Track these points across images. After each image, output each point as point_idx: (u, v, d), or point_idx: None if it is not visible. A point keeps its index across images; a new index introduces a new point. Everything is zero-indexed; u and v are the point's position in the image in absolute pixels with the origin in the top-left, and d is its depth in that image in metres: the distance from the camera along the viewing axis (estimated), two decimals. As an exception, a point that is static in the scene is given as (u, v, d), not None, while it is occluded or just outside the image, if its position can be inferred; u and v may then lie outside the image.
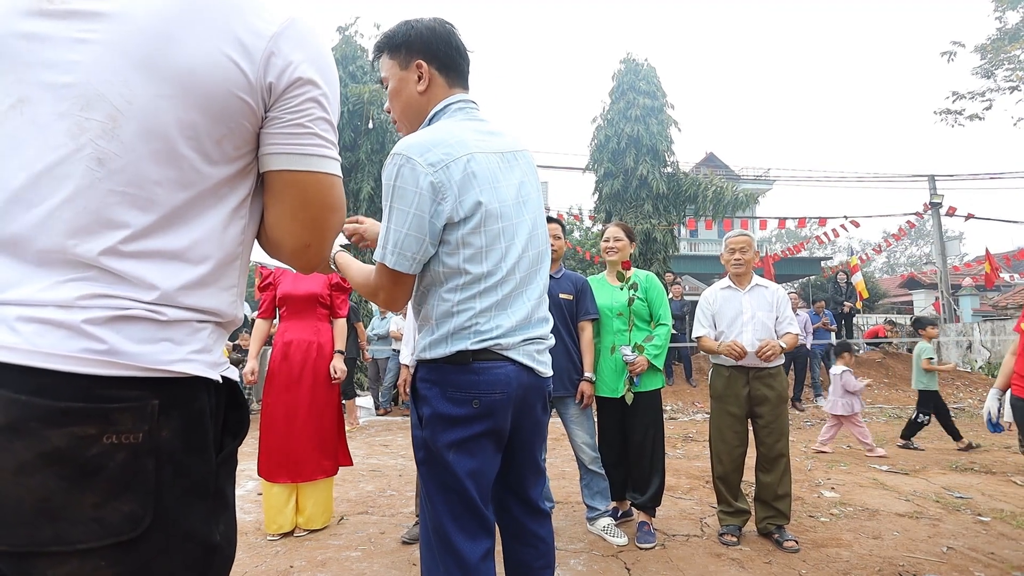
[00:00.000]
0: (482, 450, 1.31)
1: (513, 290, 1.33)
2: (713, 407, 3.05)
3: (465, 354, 1.28)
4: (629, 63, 12.50)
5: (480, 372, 1.29)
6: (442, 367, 1.31)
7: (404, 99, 1.40)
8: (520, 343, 1.34)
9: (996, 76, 14.40)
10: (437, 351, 1.31)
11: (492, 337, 1.29)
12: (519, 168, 1.40)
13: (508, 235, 1.33)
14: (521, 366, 1.34)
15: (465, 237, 1.27)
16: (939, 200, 14.48)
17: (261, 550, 2.74)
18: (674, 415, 7.54)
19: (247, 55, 0.70)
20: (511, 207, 1.34)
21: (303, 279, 3.13)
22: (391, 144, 10.60)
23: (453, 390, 1.29)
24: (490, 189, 1.30)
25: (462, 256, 1.28)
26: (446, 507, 1.31)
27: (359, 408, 7.11)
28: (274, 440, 2.93)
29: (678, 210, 12.17)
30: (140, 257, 0.67)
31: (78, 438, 0.61)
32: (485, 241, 1.29)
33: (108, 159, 0.66)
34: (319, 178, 0.78)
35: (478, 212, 1.27)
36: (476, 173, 1.28)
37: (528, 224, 1.38)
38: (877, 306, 22.20)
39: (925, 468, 4.56)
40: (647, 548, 2.77)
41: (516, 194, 1.37)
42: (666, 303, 3.03)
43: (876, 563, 2.60)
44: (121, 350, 0.64)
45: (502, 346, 1.31)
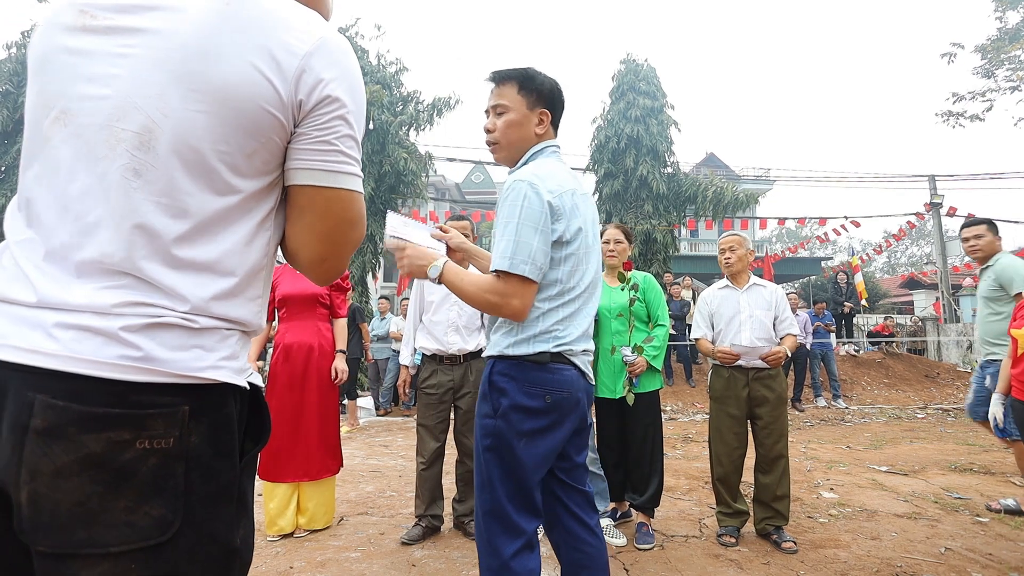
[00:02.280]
0: (546, 442, 1.49)
1: (582, 305, 1.56)
2: (712, 408, 3.06)
3: (545, 355, 1.48)
4: (629, 63, 12.51)
5: (554, 372, 1.49)
6: (523, 364, 1.49)
7: (521, 133, 1.62)
8: (581, 352, 1.56)
9: (997, 76, 14.39)
10: (520, 349, 1.49)
11: (567, 343, 1.50)
12: (592, 207, 1.68)
13: (587, 259, 1.57)
14: (581, 372, 1.56)
15: (567, 255, 1.50)
16: (940, 200, 14.49)
17: (261, 551, 2.75)
18: (674, 415, 7.55)
19: (280, 72, 0.72)
20: (591, 237, 1.61)
21: (302, 279, 3.13)
22: (391, 145, 10.63)
23: (530, 385, 1.47)
24: (586, 221, 1.57)
25: (560, 271, 1.50)
26: (506, 489, 1.47)
27: (359, 409, 7.12)
28: (278, 441, 2.93)
29: (678, 210, 12.17)
30: (174, 266, 0.69)
31: (113, 443, 0.62)
32: (576, 261, 1.53)
33: (144, 170, 0.68)
34: (341, 194, 0.80)
35: (579, 237, 1.52)
36: (578, 205, 1.54)
37: (597, 253, 1.65)
38: (877, 306, 22.18)
39: (924, 469, 4.57)
40: (646, 549, 2.78)
41: (593, 228, 1.64)
42: (664, 304, 3.04)
43: (874, 564, 2.61)
44: (156, 356, 0.66)
45: (572, 352, 1.52)
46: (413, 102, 11.26)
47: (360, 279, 10.47)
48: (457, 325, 3.01)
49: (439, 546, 2.83)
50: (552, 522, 1.61)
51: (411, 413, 7.41)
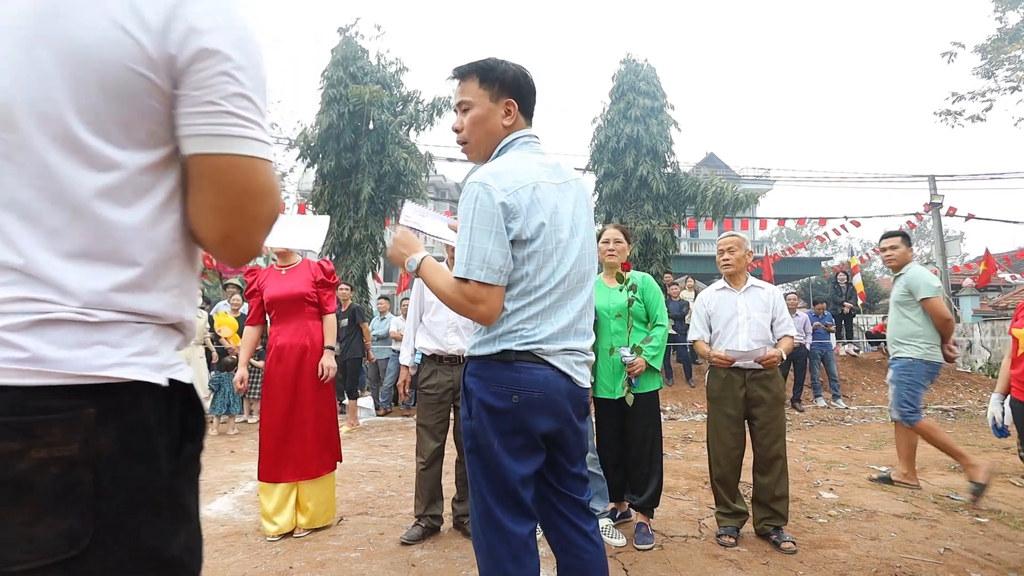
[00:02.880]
0: (521, 443, 1.45)
1: (556, 301, 1.49)
2: (710, 408, 3.06)
3: (509, 353, 1.44)
4: (629, 63, 12.51)
5: (521, 371, 1.44)
6: (489, 364, 1.46)
7: (488, 128, 1.55)
8: (560, 351, 1.48)
9: (996, 76, 14.39)
10: (485, 349, 1.47)
11: (534, 341, 1.45)
12: (572, 196, 1.57)
13: (559, 253, 1.49)
14: (560, 372, 1.48)
15: (529, 254, 1.44)
16: (939, 200, 14.48)
17: (261, 551, 2.75)
18: (673, 415, 7.55)
19: (144, 25, 0.63)
20: (566, 230, 1.51)
21: (287, 280, 3.13)
22: (391, 145, 10.62)
23: (496, 384, 1.44)
24: (551, 213, 1.48)
25: (522, 271, 1.45)
26: (491, 490, 1.45)
27: (359, 408, 7.12)
28: (275, 442, 2.94)
29: (678, 210, 12.16)
30: (63, 257, 0.62)
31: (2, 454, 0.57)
32: (542, 259, 1.46)
33: (11, 152, 0.61)
34: (236, 161, 0.70)
35: (541, 233, 1.45)
36: (540, 199, 1.46)
37: (578, 246, 1.54)
38: (878, 306, 22.17)
39: (924, 469, 4.57)
40: (645, 549, 2.78)
41: (571, 219, 1.54)
42: (663, 304, 3.04)
43: (873, 564, 2.61)
44: (46, 357, 0.59)
45: (543, 351, 1.46)
46: (413, 102, 11.25)
47: (360, 279, 10.46)
48: (457, 326, 3.01)
49: (438, 546, 2.83)
50: (547, 526, 1.58)
51: (411, 413, 7.41)
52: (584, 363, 1.58)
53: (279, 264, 3.20)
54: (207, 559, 2.63)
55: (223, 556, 2.68)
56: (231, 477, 4.19)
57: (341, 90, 10.53)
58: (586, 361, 1.59)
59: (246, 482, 4.04)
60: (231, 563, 2.60)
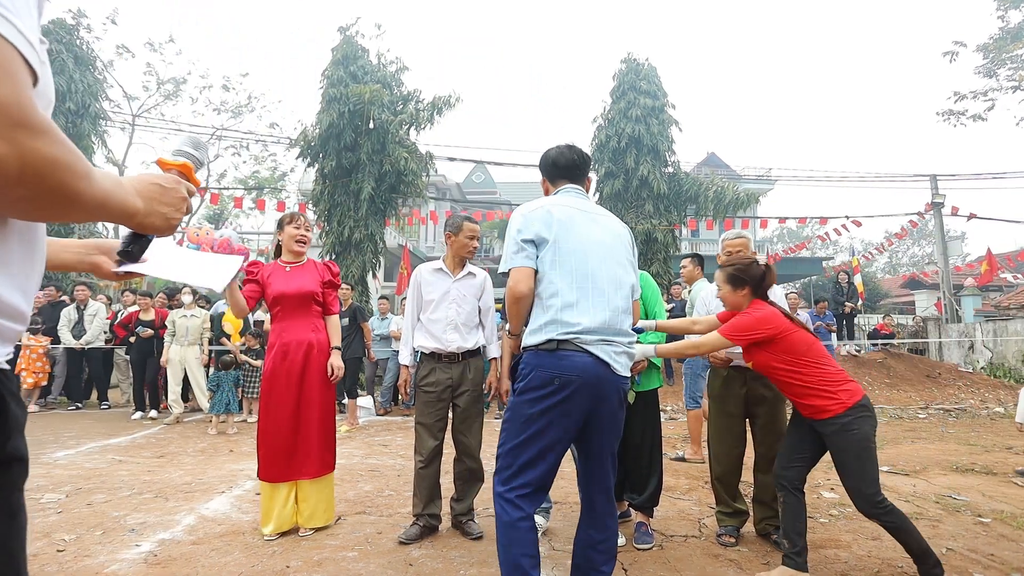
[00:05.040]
0: (556, 418, 1.80)
1: (590, 299, 1.86)
2: (711, 407, 3.04)
3: (552, 342, 1.82)
4: (630, 63, 12.49)
5: (563, 358, 1.80)
6: (537, 352, 1.85)
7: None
8: (598, 341, 1.83)
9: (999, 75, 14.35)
10: (533, 339, 1.86)
11: (574, 332, 1.81)
12: (601, 225, 2.04)
13: (582, 260, 1.91)
14: (598, 360, 1.82)
15: (549, 257, 1.90)
16: (941, 200, 14.44)
17: (258, 550, 2.73)
18: (674, 415, 7.52)
19: None
20: (589, 244, 1.94)
21: (296, 277, 3.11)
22: (391, 144, 10.61)
23: (542, 370, 1.81)
24: (566, 229, 1.93)
25: (551, 271, 1.88)
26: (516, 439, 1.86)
27: (359, 408, 7.10)
28: (277, 441, 2.91)
29: (679, 210, 12.14)
30: None
31: None
32: (566, 262, 1.89)
33: None
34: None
35: (545, 244, 1.90)
36: (554, 217, 1.93)
37: (604, 260, 1.96)
38: (879, 306, 22.13)
39: (925, 469, 4.54)
40: (645, 549, 2.76)
41: (598, 238, 1.98)
42: (661, 301, 3.03)
43: (875, 564, 2.59)
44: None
45: (583, 340, 1.81)
46: (413, 101, 11.23)
47: (360, 278, 10.45)
48: (456, 323, 2.99)
49: (437, 545, 2.81)
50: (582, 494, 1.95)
51: (411, 413, 7.39)
52: (624, 354, 1.92)
53: (284, 261, 3.18)
54: (204, 558, 2.61)
55: (220, 555, 2.66)
56: (229, 476, 4.18)
57: (341, 89, 10.52)
58: (626, 352, 1.93)
59: (244, 481, 4.03)
60: (228, 562, 2.58)
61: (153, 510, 3.36)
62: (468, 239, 3.05)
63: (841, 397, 2.31)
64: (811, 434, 2.44)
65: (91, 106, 12.11)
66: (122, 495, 3.67)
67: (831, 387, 2.33)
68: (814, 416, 2.38)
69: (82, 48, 12.48)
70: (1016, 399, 8.71)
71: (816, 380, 2.35)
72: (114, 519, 3.18)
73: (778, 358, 2.40)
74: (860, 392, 2.35)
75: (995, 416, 7.62)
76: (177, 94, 20.36)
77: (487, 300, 3.12)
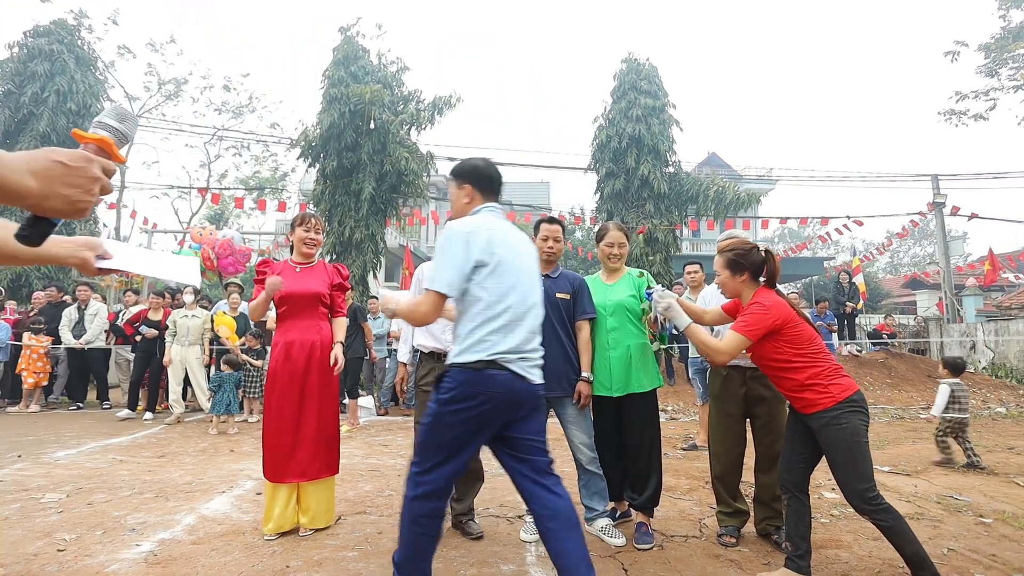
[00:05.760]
0: (474, 429, 1.94)
1: (513, 321, 1.98)
2: (711, 407, 3.04)
3: (481, 363, 1.92)
4: (631, 62, 12.49)
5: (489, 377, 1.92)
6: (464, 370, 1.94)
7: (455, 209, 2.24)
8: (517, 359, 1.97)
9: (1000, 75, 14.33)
10: (463, 357, 1.94)
11: (501, 352, 1.93)
12: (527, 251, 2.16)
13: (516, 283, 2.01)
14: (516, 375, 1.96)
15: (488, 279, 1.96)
16: (943, 200, 14.41)
17: (258, 550, 2.73)
18: (675, 415, 7.51)
19: None
20: (522, 269, 2.06)
21: (305, 278, 3.11)
22: (392, 145, 10.62)
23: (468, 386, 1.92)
24: (504, 250, 2.01)
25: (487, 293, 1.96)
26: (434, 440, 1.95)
27: (360, 408, 7.10)
28: (280, 440, 2.91)
29: (680, 210, 12.14)
30: None
31: None
32: (501, 285, 1.97)
33: None
34: None
35: (492, 262, 1.97)
36: (494, 240, 2.00)
37: (533, 284, 2.10)
38: (880, 306, 22.10)
39: (927, 469, 4.53)
40: (645, 549, 2.76)
41: (528, 265, 2.11)
42: (652, 281, 3.04)
43: (876, 565, 2.58)
44: None
45: (507, 360, 1.94)
46: (414, 101, 11.24)
47: (361, 278, 10.45)
48: (456, 323, 2.98)
49: (437, 545, 2.81)
50: (517, 485, 2.02)
51: (411, 412, 7.39)
52: (535, 366, 2.04)
53: (294, 261, 3.18)
54: (204, 558, 2.61)
55: (220, 555, 2.66)
56: (230, 476, 4.18)
57: (342, 89, 10.53)
58: (537, 364, 2.06)
59: (244, 481, 4.03)
60: (228, 562, 2.58)
61: (153, 510, 3.36)
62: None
63: (832, 391, 2.30)
64: (808, 434, 2.43)
65: (92, 106, 12.13)
66: (123, 495, 3.67)
67: (823, 381, 2.33)
68: (805, 410, 2.37)
69: (83, 48, 12.51)
70: (1018, 398, 8.69)
71: (810, 374, 2.34)
72: (114, 519, 3.18)
73: (779, 349, 2.39)
74: (853, 387, 2.34)
75: (996, 416, 7.60)
76: (178, 94, 20.40)
77: None
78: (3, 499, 3.54)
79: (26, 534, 2.91)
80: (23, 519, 3.16)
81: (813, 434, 2.40)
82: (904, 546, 2.20)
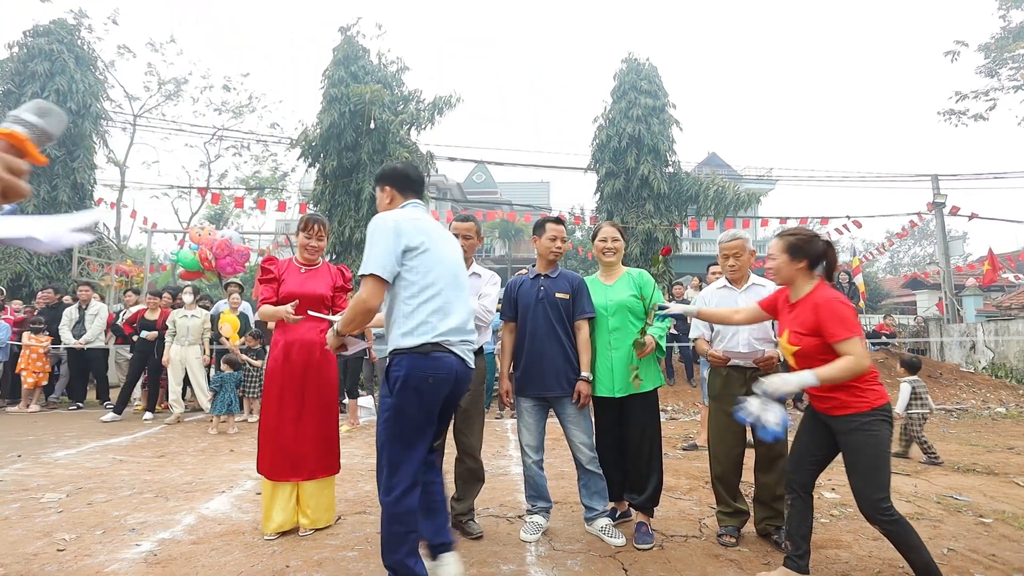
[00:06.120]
0: (428, 412, 2.07)
1: (447, 303, 2.11)
2: (711, 407, 3.03)
3: (427, 345, 2.04)
4: (631, 62, 12.49)
5: (435, 359, 2.05)
6: (411, 355, 2.05)
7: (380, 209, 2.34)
8: (459, 341, 2.12)
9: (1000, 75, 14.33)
10: (407, 342, 2.05)
11: (443, 335, 2.06)
12: (451, 241, 2.32)
13: (449, 267, 2.17)
14: (459, 358, 2.11)
15: (421, 263, 2.09)
16: (943, 200, 14.41)
17: (257, 549, 2.73)
18: (675, 415, 7.51)
19: None
20: (449, 256, 2.20)
21: (310, 280, 3.11)
22: (392, 144, 10.62)
23: (417, 371, 2.03)
24: (429, 238, 2.14)
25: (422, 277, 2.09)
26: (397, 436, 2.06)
27: (360, 408, 7.10)
28: (279, 439, 2.90)
29: (680, 210, 12.14)
30: None
31: None
32: (436, 268, 2.11)
33: None
34: None
35: (420, 249, 2.10)
36: (418, 227, 2.14)
37: (461, 267, 2.27)
38: (880, 306, 22.10)
39: (927, 469, 4.54)
40: (645, 549, 2.76)
41: (454, 254, 2.25)
42: (661, 297, 3.03)
43: (876, 565, 2.58)
44: None
45: (449, 342, 2.08)
46: (414, 101, 11.24)
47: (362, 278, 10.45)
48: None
49: (437, 545, 2.81)
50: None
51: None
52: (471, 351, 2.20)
53: (299, 262, 3.17)
54: (204, 557, 2.61)
55: (220, 555, 2.66)
56: (229, 476, 4.18)
57: (342, 89, 10.53)
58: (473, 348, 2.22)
59: (244, 481, 4.03)
60: (227, 562, 2.58)
61: (153, 510, 3.36)
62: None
63: (868, 397, 2.23)
64: (825, 435, 2.37)
65: (92, 106, 12.13)
66: (123, 495, 3.67)
67: (862, 385, 2.24)
68: (834, 411, 2.29)
69: (83, 48, 12.51)
70: (1018, 399, 8.69)
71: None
72: (114, 518, 3.18)
73: (830, 349, 2.25)
74: (887, 396, 2.27)
75: (996, 416, 7.60)
76: (178, 94, 20.40)
77: (487, 303, 3.12)
78: (3, 499, 3.54)
79: (26, 534, 2.91)
80: (23, 519, 3.16)
81: (831, 436, 2.34)
82: (913, 556, 2.15)
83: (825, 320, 2.24)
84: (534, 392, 2.98)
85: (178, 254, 9.49)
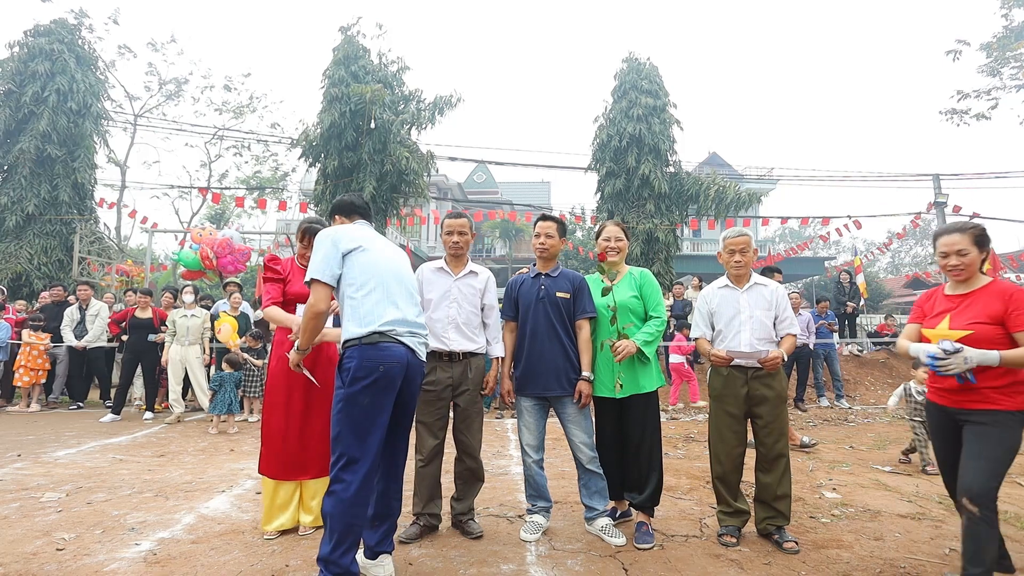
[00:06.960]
0: (381, 401, 2.18)
1: (390, 294, 2.29)
2: (712, 407, 3.02)
3: (375, 335, 2.19)
4: (631, 62, 12.48)
5: (384, 349, 2.20)
6: (361, 346, 2.20)
7: None
8: (407, 332, 2.27)
9: (1002, 74, 14.31)
10: (356, 332, 2.22)
11: (390, 324, 2.23)
12: (395, 250, 2.53)
13: (389, 265, 2.37)
14: (408, 348, 2.26)
15: (362, 260, 2.31)
16: (944, 199, 14.40)
17: (257, 549, 2.73)
18: (675, 415, 7.51)
19: None
20: (390, 257, 2.43)
21: None
22: (392, 144, 10.62)
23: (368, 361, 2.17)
24: (367, 242, 2.36)
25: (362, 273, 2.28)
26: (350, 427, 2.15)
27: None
28: (281, 439, 2.89)
29: (680, 209, 12.13)
30: None
31: None
32: (377, 265, 2.33)
33: None
34: None
35: (357, 250, 2.32)
36: (354, 235, 2.37)
37: (403, 268, 2.47)
38: (881, 306, 22.08)
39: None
40: (645, 549, 2.75)
41: (396, 258, 2.47)
42: (660, 298, 3.02)
43: (877, 565, 2.58)
44: None
45: (397, 332, 2.24)
46: (415, 101, 11.24)
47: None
48: (456, 323, 2.98)
49: (436, 545, 2.81)
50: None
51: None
52: (423, 344, 2.37)
53: (302, 262, 3.16)
54: (204, 557, 2.61)
55: (219, 554, 2.66)
56: (230, 475, 4.18)
57: (343, 89, 10.53)
58: (424, 343, 2.39)
59: (244, 480, 4.02)
60: (227, 561, 2.58)
61: (153, 509, 3.35)
62: (446, 235, 3.09)
63: (1019, 400, 2.21)
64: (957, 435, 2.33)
65: (93, 106, 12.13)
66: (122, 494, 3.67)
67: (1018, 383, 2.21)
68: (973, 405, 2.24)
69: (84, 48, 12.50)
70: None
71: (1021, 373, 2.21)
72: (114, 518, 3.17)
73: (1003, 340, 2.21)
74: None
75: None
76: (179, 94, 20.42)
77: (490, 299, 3.11)
78: (3, 498, 3.53)
79: (25, 533, 2.91)
80: (22, 518, 3.16)
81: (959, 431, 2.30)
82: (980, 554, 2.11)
83: (1016, 308, 2.21)
84: (534, 391, 2.97)
85: (179, 254, 9.49)
